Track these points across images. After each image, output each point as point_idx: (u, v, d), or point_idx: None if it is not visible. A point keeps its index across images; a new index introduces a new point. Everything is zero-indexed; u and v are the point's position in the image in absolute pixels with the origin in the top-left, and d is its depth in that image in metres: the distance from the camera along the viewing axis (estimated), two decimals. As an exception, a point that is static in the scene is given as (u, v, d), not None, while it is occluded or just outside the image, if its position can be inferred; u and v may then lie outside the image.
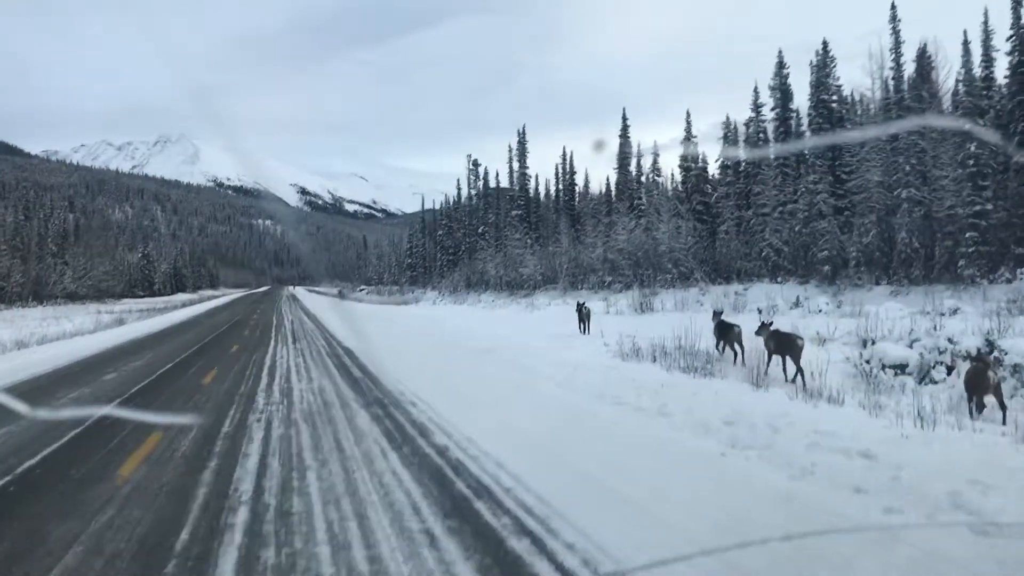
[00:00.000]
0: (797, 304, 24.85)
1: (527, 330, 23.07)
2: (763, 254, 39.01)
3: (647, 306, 29.32)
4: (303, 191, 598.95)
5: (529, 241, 62.44)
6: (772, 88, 43.93)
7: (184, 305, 70.99)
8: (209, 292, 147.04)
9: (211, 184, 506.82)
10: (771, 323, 14.23)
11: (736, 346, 14.78)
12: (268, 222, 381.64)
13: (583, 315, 21.63)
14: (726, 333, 15.42)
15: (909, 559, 4.24)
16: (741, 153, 47.37)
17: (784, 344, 12.82)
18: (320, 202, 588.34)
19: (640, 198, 52.22)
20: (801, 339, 12.84)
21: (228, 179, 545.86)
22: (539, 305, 35.79)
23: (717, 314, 16.96)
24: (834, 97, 41.66)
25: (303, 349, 20.55)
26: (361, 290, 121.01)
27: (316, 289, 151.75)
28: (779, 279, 36.98)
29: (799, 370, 12.08)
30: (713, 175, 50.02)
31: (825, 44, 41.88)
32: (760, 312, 20.87)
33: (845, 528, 4.93)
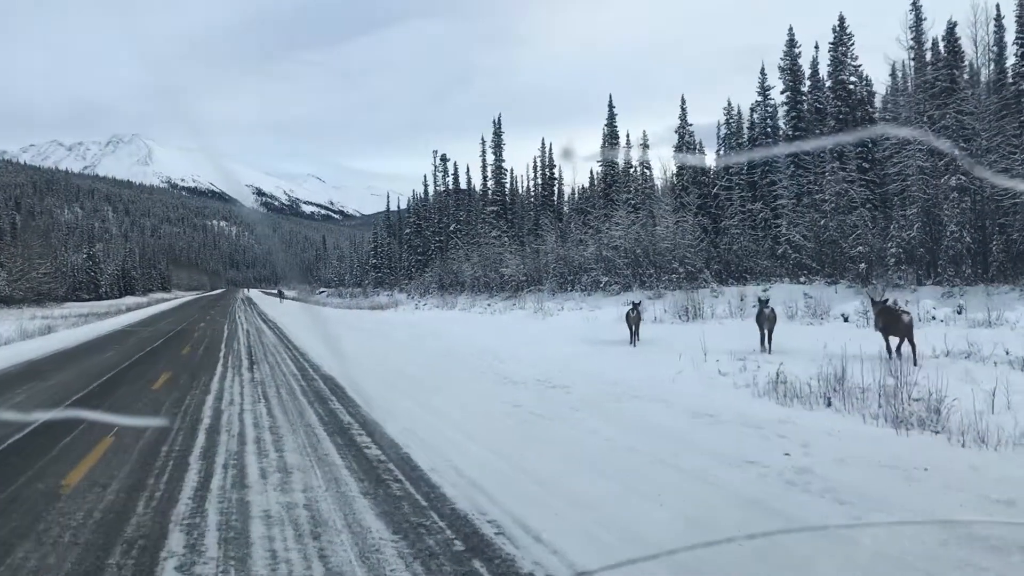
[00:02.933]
0: (895, 309, 20.54)
1: (562, 345, 17.60)
2: (780, 251, 34.90)
3: (696, 312, 24.30)
4: (259, 192, 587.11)
5: (506, 240, 57.96)
6: (782, 69, 39.93)
7: (128, 309, 65.23)
8: (160, 295, 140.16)
9: (165, 185, 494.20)
10: (885, 300, 14.04)
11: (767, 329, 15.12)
12: (223, 223, 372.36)
13: (633, 320, 17.42)
14: (760, 315, 15.57)
15: None
16: (746, 140, 43.26)
17: (891, 320, 12.84)
18: (276, 203, 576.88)
19: (630, 192, 47.96)
20: (908, 314, 13.00)
21: (182, 180, 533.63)
22: (550, 311, 30.41)
23: (762, 302, 16.45)
24: (852, 78, 37.72)
25: (264, 382, 13.97)
26: (321, 292, 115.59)
27: (272, 292, 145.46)
28: (802, 279, 32.86)
29: (912, 345, 12.32)
30: (710, 167, 46.00)
31: (842, 20, 37.96)
32: (846, 319, 16.96)
33: None
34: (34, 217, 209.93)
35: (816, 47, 41.94)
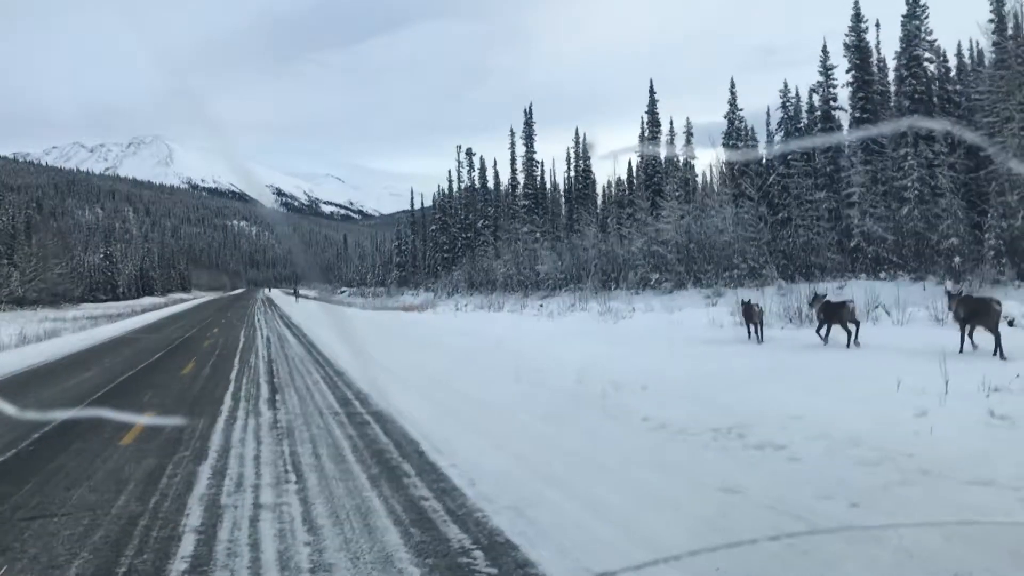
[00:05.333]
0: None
1: (674, 358, 13.64)
2: (854, 244, 31.55)
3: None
4: (279, 192, 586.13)
5: (539, 235, 54.81)
6: (847, 46, 36.42)
7: (144, 311, 62.68)
8: (179, 295, 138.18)
9: (185, 185, 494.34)
10: (960, 292, 13.77)
11: (849, 326, 13.65)
12: (243, 223, 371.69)
13: (757, 315, 15.75)
14: (836, 312, 14.07)
15: None
16: (806, 124, 39.84)
17: (977, 309, 11.90)
18: (296, 203, 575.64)
19: (676, 182, 44.67)
20: (998, 302, 12.01)
21: (203, 180, 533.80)
22: (622, 313, 26.71)
23: (820, 297, 15.36)
24: (927, 53, 34.30)
25: (293, 430, 9.24)
26: (342, 292, 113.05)
27: (291, 291, 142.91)
28: (882, 275, 29.51)
29: (996, 337, 11.24)
30: (762, 156, 42.73)
31: (915, -11, 34.51)
32: (1011, 323, 14.03)
33: None
34: (55, 218, 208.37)
35: (878, 25, 38.60)
